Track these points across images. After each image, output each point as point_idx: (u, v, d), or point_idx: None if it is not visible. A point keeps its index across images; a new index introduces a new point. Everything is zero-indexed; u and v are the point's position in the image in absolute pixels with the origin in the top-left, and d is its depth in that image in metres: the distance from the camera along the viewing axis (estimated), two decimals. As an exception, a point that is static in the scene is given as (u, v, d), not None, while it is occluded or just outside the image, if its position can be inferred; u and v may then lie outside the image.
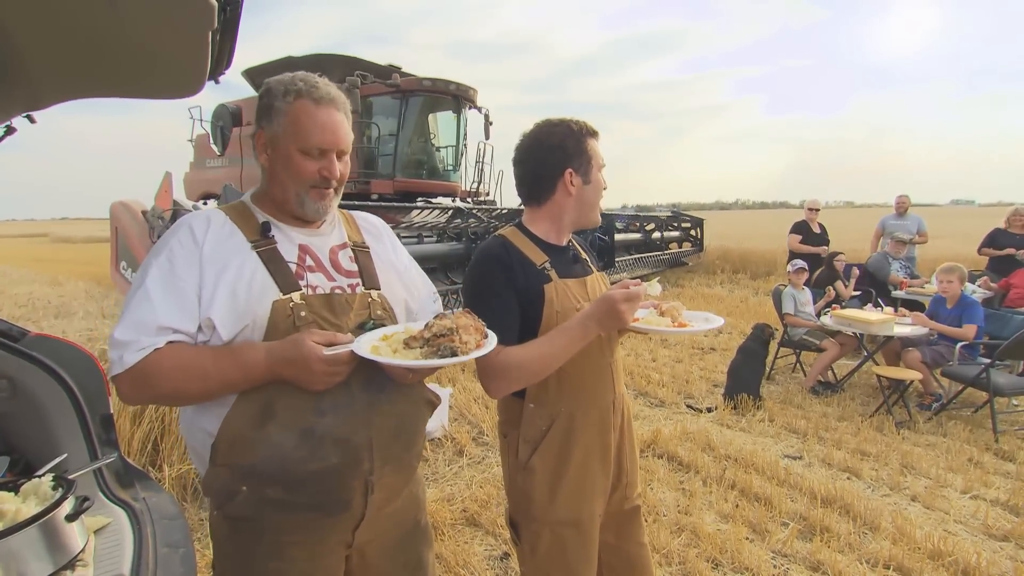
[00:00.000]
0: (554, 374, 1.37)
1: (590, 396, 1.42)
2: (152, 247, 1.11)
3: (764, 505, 2.85)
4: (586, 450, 1.41)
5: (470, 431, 3.75)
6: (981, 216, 35.80)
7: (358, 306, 1.14)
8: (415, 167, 8.76)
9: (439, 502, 2.80)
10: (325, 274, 1.14)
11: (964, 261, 7.03)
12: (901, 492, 3.05)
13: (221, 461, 1.04)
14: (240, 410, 1.03)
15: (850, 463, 3.34)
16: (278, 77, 1.14)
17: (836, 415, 4.18)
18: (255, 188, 1.23)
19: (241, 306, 1.03)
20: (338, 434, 1.05)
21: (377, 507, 1.13)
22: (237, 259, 1.06)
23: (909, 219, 6.79)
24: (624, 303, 1.17)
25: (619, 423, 1.49)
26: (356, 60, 8.76)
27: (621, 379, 1.52)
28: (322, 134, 1.09)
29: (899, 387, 4.19)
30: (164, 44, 1.20)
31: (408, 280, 1.31)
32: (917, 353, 4.25)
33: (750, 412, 4.20)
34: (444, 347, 0.98)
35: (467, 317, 1.07)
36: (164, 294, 1.01)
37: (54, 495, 1.22)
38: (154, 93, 1.51)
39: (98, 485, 1.58)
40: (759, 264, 12.83)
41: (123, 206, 7.52)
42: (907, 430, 3.90)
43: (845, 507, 2.81)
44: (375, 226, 1.35)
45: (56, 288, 10.37)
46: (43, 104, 1.51)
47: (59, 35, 1.16)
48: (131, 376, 0.98)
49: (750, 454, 3.42)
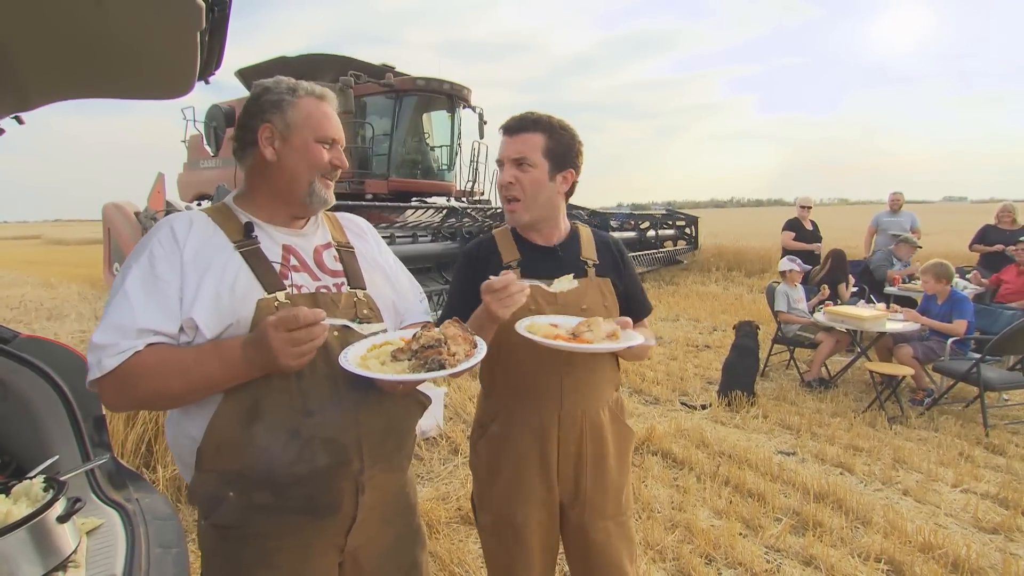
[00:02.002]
0: (500, 370, 1.42)
1: (529, 403, 1.40)
2: (134, 249, 1.10)
3: (758, 501, 2.87)
4: (520, 455, 1.41)
5: (465, 430, 3.75)
6: (973, 212, 36.05)
7: (344, 305, 1.14)
8: (409, 167, 8.75)
9: (434, 501, 2.80)
10: (310, 274, 1.14)
11: (956, 257, 7.08)
12: (893, 486, 3.07)
13: (207, 466, 1.03)
14: (225, 413, 1.01)
15: (843, 459, 3.36)
16: (271, 79, 1.17)
17: (830, 411, 4.21)
18: (237, 190, 1.23)
19: (225, 306, 1.02)
20: (326, 434, 1.05)
21: (368, 508, 1.13)
22: (220, 259, 1.06)
23: (903, 216, 6.84)
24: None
25: (573, 440, 1.40)
26: (349, 60, 8.75)
27: (586, 397, 1.41)
28: (332, 126, 1.15)
29: (892, 383, 4.22)
30: (152, 44, 1.20)
31: (395, 280, 1.31)
32: (909, 349, 4.29)
33: (744, 409, 4.22)
34: (432, 360, 0.98)
35: (455, 326, 1.07)
36: (144, 296, 0.99)
37: (45, 496, 1.21)
38: (143, 94, 1.51)
39: (90, 486, 1.58)
40: (754, 262, 12.87)
41: (116, 207, 7.48)
42: (899, 425, 3.93)
43: (838, 502, 2.83)
44: (359, 226, 1.36)
45: (49, 290, 10.31)
46: (31, 105, 1.50)
47: (46, 35, 1.15)
48: (111, 380, 0.96)
49: (744, 451, 3.44)
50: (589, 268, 1.44)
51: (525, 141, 1.35)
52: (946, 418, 4.03)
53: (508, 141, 1.37)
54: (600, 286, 1.43)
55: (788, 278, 5.19)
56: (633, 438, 1.55)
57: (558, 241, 1.45)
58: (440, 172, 9.31)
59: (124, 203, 7.45)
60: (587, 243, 1.48)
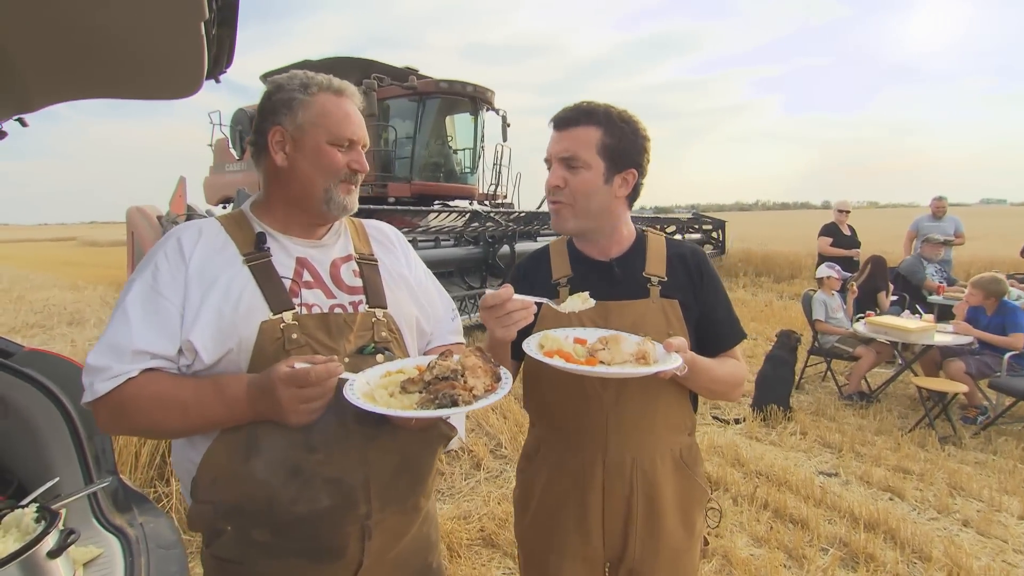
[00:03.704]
0: (538, 399, 1.26)
1: (568, 443, 1.23)
2: (142, 261, 1.04)
3: (800, 528, 2.67)
4: (556, 501, 1.23)
5: (488, 443, 3.62)
6: (1014, 216, 34.64)
7: (359, 327, 1.03)
8: (432, 170, 8.69)
9: (455, 520, 2.67)
10: (324, 290, 1.04)
11: (1003, 264, 6.67)
12: (951, 516, 2.83)
13: (203, 497, 0.95)
14: (223, 443, 0.94)
15: (891, 482, 3.13)
16: (284, 74, 1.08)
17: (873, 428, 3.96)
18: (255, 196, 1.14)
19: (226, 327, 0.94)
20: (329, 473, 0.94)
21: (377, 554, 1.01)
22: (226, 274, 0.97)
23: (946, 221, 6.48)
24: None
25: (621, 492, 1.18)
26: (372, 63, 8.72)
27: (639, 442, 1.19)
28: (350, 125, 1.05)
29: (941, 400, 3.95)
30: (154, 39, 1.11)
31: (423, 296, 1.19)
32: (961, 364, 4.01)
33: (780, 424, 4.00)
34: (443, 395, 0.85)
35: (476, 356, 0.94)
36: (144, 314, 0.93)
37: (37, 528, 1.13)
38: (150, 93, 1.42)
39: (92, 511, 1.49)
40: (783, 267, 12.50)
41: (139, 211, 7.58)
42: (952, 446, 3.67)
43: (890, 532, 2.61)
44: (386, 235, 1.24)
45: (75, 293, 10.54)
46: (34, 106, 1.42)
47: (43, 32, 1.08)
48: (104, 406, 0.91)
49: (782, 470, 3.23)
50: (652, 287, 1.20)
51: (577, 137, 1.14)
52: (1005, 439, 3.74)
53: (557, 136, 1.17)
54: (665, 309, 1.19)
55: (826, 285, 4.94)
56: (706, 497, 1.28)
57: (617, 254, 1.24)
58: (463, 175, 9.22)
59: (147, 207, 7.55)
60: (655, 256, 1.24)
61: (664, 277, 1.21)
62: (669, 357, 1.01)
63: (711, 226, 12.37)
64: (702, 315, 1.22)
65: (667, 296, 1.20)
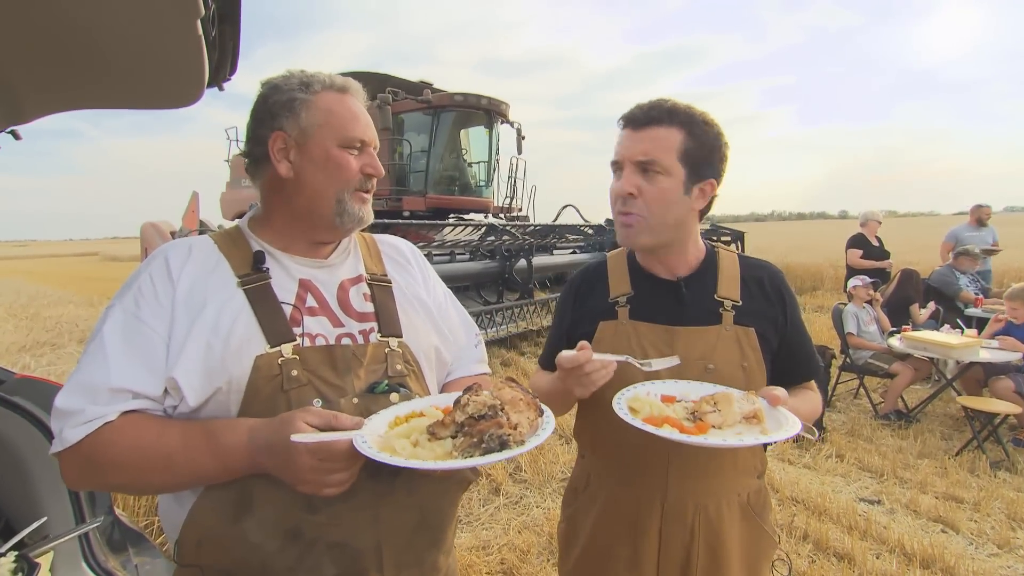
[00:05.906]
0: (591, 431, 1.14)
1: (624, 485, 1.09)
2: (124, 283, 0.91)
3: (846, 563, 2.46)
4: (606, 545, 1.10)
5: (506, 466, 3.45)
6: (1042, 224, 33.71)
7: (370, 360, 0.89)
8: (447, 183, 8.64)
9: (473, 551, 2.51)
10: (330, 318, 0.91)
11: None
12: (1014, 551, 2.60)
13: (187, 561, 0.83)
14: (209, 500, 0.80)
15: (942, 511, 2.90)
16: (280, 75, 0.96)
17: (915, 451, 3.72)
18: (252, 211, 1.01)
19: (216, 360, 0.80)
20: (334, 537, 0.80)
21: None
22: (217, 300, 0.84)
23: (986, 231, 6.18)
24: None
25: (680, 540, 1.06)
26: (387, 77, 8.74)
27: (703, 487, 1.06)
28: (360, 125, 0.93)
29: (990, 421, 3.71)
30: (147, 40, 1.01)
31: (443, 321, 1.05)
32: (1009, 382, 3.76)
33: (814, 446, 3.78)
34: (490, 436, 0.71)
35: (512, 388, 0.80)
36: (123, 346, 0.79)
37: (13, 582, 1.01)
38: (148, 102, 1.33)
39: (81, 553, 1.37)
40: (804, 278, 12.18)
41: (153, 226, 7.62)
42: (1006, 472, 3.42)
43: (947, 570, 2.40)
44: (401, 253, 1.10)
45: (89, 309, 10.52)
46: (27, 118, 1.34)
47: (28, 35, 0.98)
48: (73, 456, 0.76)
49: (820, 496, 3.02)
50: (725, 311, 1.06)
51: (657, 138, 0.99)
52: (1062, 464, 3.49)
53: (632, 137, 1.02)
54: (739, 338, 1.05)
55: (856, 297, 4.72)
56: (774, 548, 1.14)
57: (685, 273, 1.11)
58: (478, 188, 9.17)
59: (161, 222, 7.58)
60: (728, 276, 1.10)
61: (738, 301, 1.07)
62: (778, 413, 0.92)
63: (729, 237, 12.12)
64: (781, 346, 1.08)
65: (741, 323, 1.06)
